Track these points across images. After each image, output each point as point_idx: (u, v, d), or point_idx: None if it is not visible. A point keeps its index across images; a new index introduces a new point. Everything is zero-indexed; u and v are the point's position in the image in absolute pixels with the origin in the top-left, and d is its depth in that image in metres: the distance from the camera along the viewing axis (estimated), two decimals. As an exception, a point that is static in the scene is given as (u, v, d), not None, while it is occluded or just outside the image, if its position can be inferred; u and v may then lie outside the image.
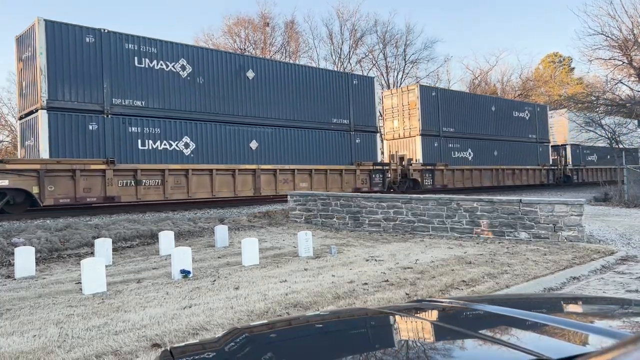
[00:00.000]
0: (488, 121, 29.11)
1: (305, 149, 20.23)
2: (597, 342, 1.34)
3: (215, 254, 9.83)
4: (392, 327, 1.85)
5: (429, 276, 7.10)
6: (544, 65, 60.89)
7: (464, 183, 26.52)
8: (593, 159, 37.36)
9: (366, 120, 22.71)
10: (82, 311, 5.58)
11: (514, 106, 32.16)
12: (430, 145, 25.57)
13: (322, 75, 21.53)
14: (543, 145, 33.30)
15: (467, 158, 27.34)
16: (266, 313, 5.35)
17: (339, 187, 20.87)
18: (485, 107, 29.09)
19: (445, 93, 27.63)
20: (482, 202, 11.52)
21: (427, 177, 24.54)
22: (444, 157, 25.96)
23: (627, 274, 7.66)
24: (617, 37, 25.15)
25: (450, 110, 26.76)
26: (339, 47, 47.92)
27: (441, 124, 26.25)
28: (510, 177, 29.77)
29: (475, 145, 27.88)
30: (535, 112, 33.14)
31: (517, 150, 30.74)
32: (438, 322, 1.78)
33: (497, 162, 28.96)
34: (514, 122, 31.03)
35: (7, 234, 10.80)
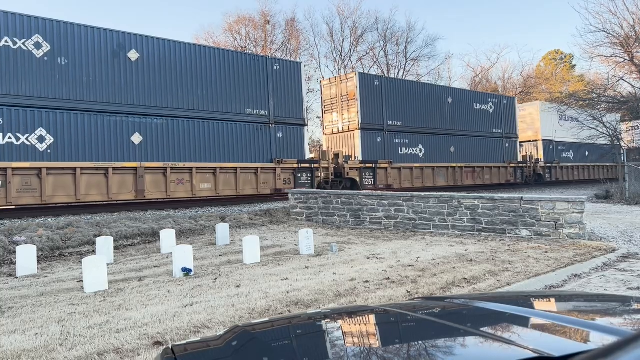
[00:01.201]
0: (443, 114, 26.29)
1: (208, 144, 17.33)
2: (598, 340, 1.34)
3: (216, 252, 9.84)
4: (393, 325, 1.85)
5: (430, 274, 7.10)
6: (545, 62, 60.81)
7: (413, 183, 23.80)
8: (569, 156, 34.79)
9: (291, 112, 19.78)
10: (83, 309, 5.59)
11: (475, 97, 29.08)
12: (372, 141, 22.84)
13: (231, 59, 18.31)
14: (510, 140, 30.52)
15: (418, 155, 24.57)
16: (267, 311, 5.35)
17: (254, 189, 18.22)
18: (440, 99, 26.31)
19: (391, 82, 24.77)
20: (484, 200, 11.52)
21: (367, 176, 22.08)
22: (389, 154, 23.24)
23: (629, 271, 7.66)
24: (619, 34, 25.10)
25: (397, 101, 24.04)
26: (340, 45, 47.88)
27: (386, 117, 23.46)
28: (470, 176, 27.00)
29: (427, 141, 25.12)
30: (501, 105, 30.24)
31: (479, 147, 28.00)
32: (439, 319, 1.78)
33: (453, 160, 26.22)
34: (475, 115, 28.11)
35: (8, 232, 10.82)
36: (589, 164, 36.01)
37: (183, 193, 16.40)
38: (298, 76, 20.36)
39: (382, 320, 1.92)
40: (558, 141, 33.71)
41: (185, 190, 16.41)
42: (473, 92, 32.32)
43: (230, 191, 17.54)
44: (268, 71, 19.20)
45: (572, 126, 33.82)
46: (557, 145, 33.68)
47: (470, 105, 27.83)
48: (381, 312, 2.00)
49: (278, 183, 18.85)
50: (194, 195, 16.60)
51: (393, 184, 22.90)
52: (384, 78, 24.67)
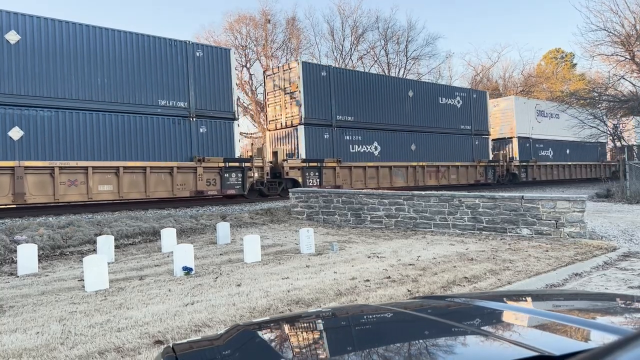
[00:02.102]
0: (403, 109, 24.16)
1: (110, 140, 15.25)
2: (599, 339, 1.34)
3: (217, 250, 9.84)
4: (394, 324, 1.85)
5: (430, 273, 7.10)
6: (545, 61, 60.72)
7: (367, 183, 21.86)
8: (548, 154, 32.65)
9: (218, 104, 17.67)
10: (84, 308, 5.60)
11: (441, 91, 26.82)
12: (318, 137, 20.74)
13: (140, 43, 16.14)
14: (481, 137, 28.30)
15: (373, 153, 22.56)
16: (268, 310, 5.36)
17: (168, 191, 16.12)
18: (399, 92, 24.13)
19: (342, 73, 22.42)
20: (484, 199, 11.51)
21: (311, 176, 20.02)
22: (339, 152, 21.23)
23: (630, 270, 7.65)
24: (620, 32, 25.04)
25: (349, 94, 22.00)
26: (341, 44, 47.78)
27: (334, 111, 21.29)
28: (434, 176, 25.07)
29: (384, 138, 23.08)
30: (470, 99, 27.81)
31: (445, 144, 25.99)
32: (440, 318, 1.78)
33: (414, 158, 24.26)
34: (440, 110, 26.03)
35: (9, 231, 10.83)
36: (571, 162, 34.42)
37: (77, 196, 14.47)
38: (227, 64, 18.09)
39: (383, 319, 1.92)
40: (536, 138, 31.79)
41: (79, 193, 14.48)
42: (438, 85, 29.99)
43: (137, 194, 15.54)
44: (188, 58, 17.06)
45: (552, 123, 32.77)
46: (535, 142, 31.75)
47: (434, 100, 25.81)
48: (382, 311, 2.00)
49: (199, 184, 16.74)
50: (91, 198, 14.69)
51: (342, 184, 20.87)
52: (332, 68, 22.38)
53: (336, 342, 1.60)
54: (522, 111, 31.14)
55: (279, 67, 22.47)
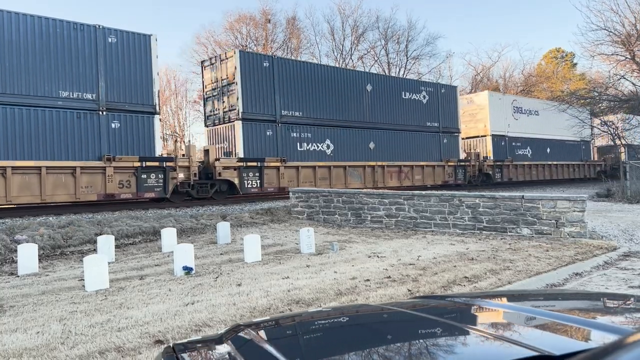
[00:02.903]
0: (361, 104, 22.36)
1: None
2: (599, 338, 1.34)
3: (217, 250, 9.85)
4: (394, 323, 1.85)
5: (431, 272, 7.11)
6: (546, 60, 60.69)
7: (317, 184, 19.84)
8: (526, 153, 30.95)
9: (135, 97, 15.87)
10: (85, 308, 5.60)
11: (404, 85, 24.78)
12: (259, 134, 18.93)
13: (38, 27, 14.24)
14: (450, 135, 26.37)
15: (324, 152, 20.68)
16: (268, 309, 5.36)
17: (70, 194, 14.37)
18: (356, 86, 22.33)
19: (288, 64, 20.52)
20: (484, 198, 11.51)
21: (250, 177, 18.13)
22: (285, 150, 19.44)
23: (630, 269, 7.65)
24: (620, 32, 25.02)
25: (296, 87, 20.05)
26: (341, 44, 47.80)
27: (279, 106, 19.43)
28: (395, 177, 23.22)
29: (337, 135, 21.25)
30: (438, 94, 25.91)
31: (408, 142, 24.11)
32: (440, 318, 1.78)
33: (373, 157, 22.43)
34: (403, 106, 24.09)
35: (10, 231, 10.83)
36: (551, 162, 32.68)
37: None
38: (146, 52, 16.19)
39: (383, 318, 1.92)
40: (512, 136, 30.10)
41: None
42: (401, 79, 27.60)
43: (30, 197, 13.73)
44: (99, 44, 15.20)
45: (531, 120, 31.49)
46: (511, 141, 30.05)
47: (397, 94, 23.91)
48: (382, 311, 2.00)
49: (109, 187, 14.93)
50: None
51: (288, 186, 18.79)
52: (276, 59, 20.22)
53: (336, 341, 1.60)
54: (497, 107, 29.41)
55: (216, 56, 20.16)
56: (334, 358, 1.43)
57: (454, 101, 27.15)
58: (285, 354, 1.41)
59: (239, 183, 17.92)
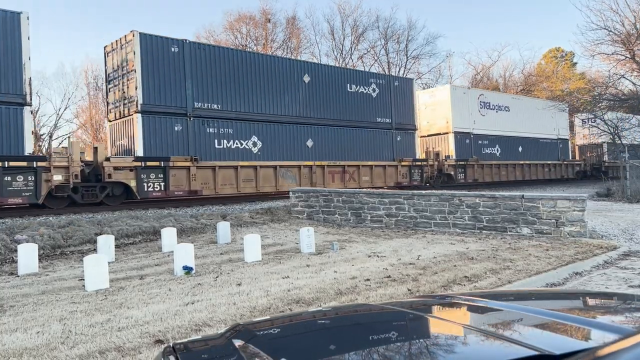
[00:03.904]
0: (296, 97, 19.91)
1: None
2: (599, 338, 1.34)
3: (217, 250, 9.85)
4: (394, 323, 1.85)
5: (431, 272, 7.11)
6: (546, 60, 60.67)
7: (239, 187, 17.68)
8: (494, 152, 28.72)
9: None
10: (85, 308, 5.60)
11: (350, 77, 22.27)
12: (165, 130, 16.45)
13: None
14: (405, 133, 24.05)
15: (250, 150, 18.34)
16: (268, 309, 5.36)
17: None
18: (290, 76, 19.84)
19: (204, 50, 17.74)
20: (485, 198, 11.52)
21: (151, 179, 15.62)
22: (198, 148, 16.99)
23: (630, 269, 7.65)
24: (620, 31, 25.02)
25: (214, 77, 17.58)
26: (341, 43, 47.80)
27: (191, 97, 17.00)
28: (338, 178, 20.91)
29: (266, 132, 18.91)
30: (390, 87, 23.50)
31: (354, 140, 21.84)
32: (440, 317, 1.78)
33: (311, 157, 20.07)
34: (349, 99, 21.75)
35: (10, 230, 10.83)
36: (524, 161, 30.42)
37: None
38: (14, 33, 13.76)
39: (383, 318, 1.92)
40: (478, 134, 27.78)
41: None
42: (345, 69, 24.92)
43: None
44: None
45: (500, 116, 29.30)
46: (477, 139, 27.74)
47: (341, 87, 21.59)
48: (382, 310, 2.00)
49: None
50: None
51: (202, 189, 16.73)
52: (188, 44, 17.38)
53: (336, 341, 1.60)
54: (460, 103, 27.09)
55: (117, 40, 17.21)
56: (334, 357, 1.43)
57: (410, 95, 24.65)
58: (285, 353, 1.41)
59: (136, 186, 15.37)
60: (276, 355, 1.40)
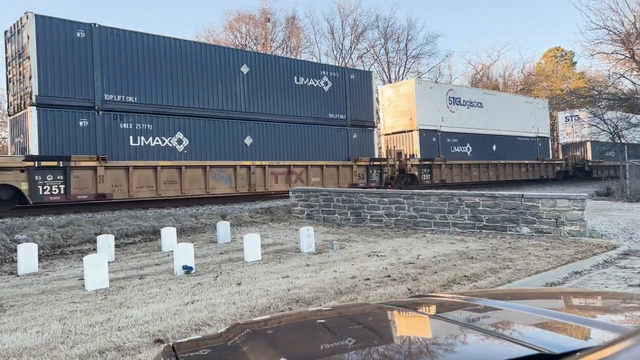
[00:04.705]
0: (233, 89, 18.03)
1: None
2: (599, 337, 1.34)
3: (217, 249, 9.85)
4: (394, 322, 1.85)
5: (431, 271, 7.11)
6: (545, 59, 60.69)
7: (159, 189, 15.74)
8: (464, 151, 26.93)
9: None
10: (85, 307, 5.60)
11: (297, 68, 20.29)
12: (68, 125, 14.64)
13: None
14: (362, 130, 22.13)
15: (175, 148, 16.49)
16: (268, 309, 5.36)
17: None
18: (225, 66, 17.92)
19: (117, 36, 15.62)
20: (484, 197, 11.52)
21: (47, 181, 13.80)
22: (111, 146, 15.17)
23: (630, 268, 7.66)
24: (620, 31, 25.04)
25: (131, 66, 15.72)
26: (340, 43, 47.79)
27: (101, 88, 15.10)
28: (283, 179, 19.07)
29: (195, 128, 17.03)
30: (345, 80, 21.63)
31: (302, 138, 19.94)
32: (440, 317, 1.78)
33: (250, 156, 18.25)
34: (296, 93, 19.89)
35: (9, 230, 10.83)
36: (498, 161, 28.66)
37: None
38: None
39: (383, 317, 1.92)
40: (447, 132, 26.03)
41: None
42: (292, 60, 22.70)
43: None
44: None
45: (472, 113, 27.51)
46: (445, 137, 25.98)
47: (287, 79, 19.65)
48: (382, 310, 2.00)
49: None
50: None
51: (113, 192, 14.91)
52: (98, 28, 15.33)
53: (336, 340, 1.60)
54: (426, 98, 25.34)
55: (15, 24, 15.36)
56: (334, 357, 1.43)
57: (368, 89, 22.66)
58: (284, 352, 1.41)
59: (28, 189, 13.39)
60: (276, 354, 1.40)
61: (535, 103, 32.51)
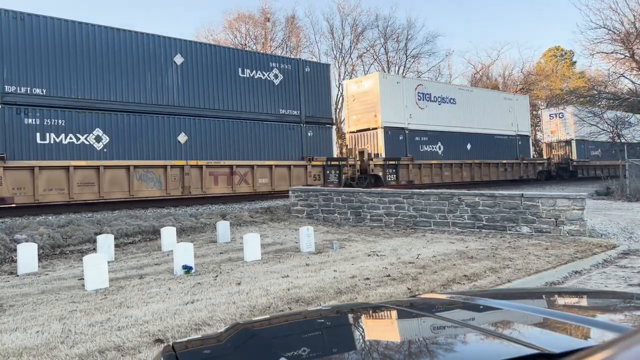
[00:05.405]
0: (164, 81, 16.42)
1: None
2: (599, 336, 1.34)
3: (217, 249, 9.85)
4: (394, 321, 1.85)
5: (430, 271, 7.11)
6: (545, 59, 60.67)
7: (72, 193, 14.22)
8: (435, 150, 25.33)
9: None
10: (84, 307, 5.60)
11: (242, 60, 18.50)
12: None
13: None
14: (319, 127, 20.38)
15: (93, 146, 14.82)
16: (268, 308, 5.36)
17: None
18: (154, 56, 16.24)
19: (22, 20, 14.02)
20: (484, 197, 11.52)
21: None
22: (12, 144, 13.60)
23: (629, 267, 7.66)
24: (619, 30, 25.05)
25: (38, 54, 14.12)
26: (340, 42, 47.76)
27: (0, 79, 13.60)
28: (224, 180, 17.40)
29: (118, 124, 15.35)
30: (299, 73, 19.92)
31: (248, 135, 18.21)
32: (440, 316, 1.78)
33: (185, 155, 16.59)
34: (241, 86, 18.19)
35: (9, 230, 10.83)
36: (472, 160, 27.02)
37: None
38: None
39: (383, 317, 1.92)
40: (415, 129, 24.43)
41: None
42: (235, 50, 20.23)
43: None
44: None
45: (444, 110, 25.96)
46: (414, 135, 24.40)
47: (229, 71, 17.95)
48: (382, 309, 2.00)
49: None
50: None
51: (14, 195, 13.35)
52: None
53: (336, 340, 1.60)
54: (392, 93, 23.74)
55: None
56: (334, 357, 1.43)
57: (326, 84, 20.89)
58: (284, 352, 1.41)
59: None
60: (275, 354, 1.39)
61: (515, 99, 30.99)
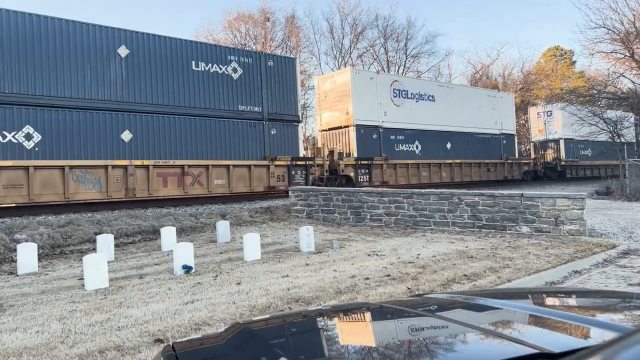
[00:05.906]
0: (106, 75, 15.23)
1: None
2: (599, 336, 1.34)
3: (217, 249, 9.85)
4: (393, 321, 1.85)
5: (430, 271, 7.11)
6: (545, 59, 60.67)
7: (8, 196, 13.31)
8: (412, 149, 24.18)
9: None
10: (84, 307, 5.60)
11: (196, 52, 17.25)
12: None
13: None
14: (284, 125, 19.23)
15: (22, 145, 13.63)
16: (268, 308, 5.36)
17: None
18: (94, 48, 15.03)
19: None
20: (484, 197, 11.52)
21: None
22: None
23: (629, 267, 7.66)
24: (619, 30, 25.05)
25: None
26: (340, 42, 47.78)
27: None
28: (174, 181, 16.24)
29: (50, 121, 14.15)
30: (261, 67, 18.70)
31: (204, 133, 17.13)
32: (440, 316, 1.78)
33: (129, 155, 15.44)
34: (194, 81, 17.00)
35: (9, 230, 10.83)
36: (453, 160, 25.97)
37: None
38: None
39: (383, 316, 1.92)
40: (390, 128, 23.31)
41: None
42: (188, 42, 17.59)
43: None
44: None
45: (422, 107, 24.86)
46: (389, 133, 23.24)
47: (181, 64, 16.75)
48: (382, 309, 2.00)
49: None
50: None
51: None
52: None
53: (336, 340, 1.60)
54: (366, 90, 22.61)
55: None
56: (333, 356, 1.43)
57: (292, 79, 19.66)
58: (284, 352, 1.41)
59: None
60: (275, 354, 1.39)
61: (499, 96, 30.12)
